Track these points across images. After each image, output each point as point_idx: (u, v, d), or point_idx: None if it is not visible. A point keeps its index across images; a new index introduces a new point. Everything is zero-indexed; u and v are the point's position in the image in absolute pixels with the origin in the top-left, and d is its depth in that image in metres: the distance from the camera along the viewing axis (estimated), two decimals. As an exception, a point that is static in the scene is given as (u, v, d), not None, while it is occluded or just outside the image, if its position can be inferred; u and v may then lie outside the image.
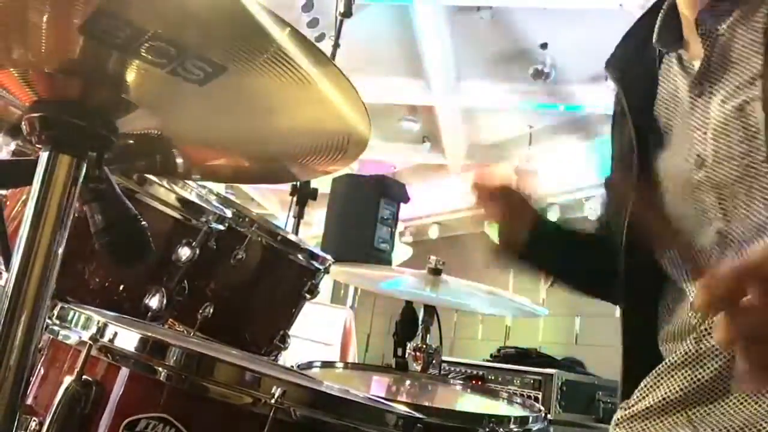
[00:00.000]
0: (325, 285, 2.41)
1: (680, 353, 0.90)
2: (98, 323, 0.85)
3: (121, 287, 1.33)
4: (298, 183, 2.65)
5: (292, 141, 0.85)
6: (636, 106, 1.02)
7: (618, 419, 0.98)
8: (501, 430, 1.27)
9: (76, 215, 0.75)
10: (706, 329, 0.87)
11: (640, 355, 0.99)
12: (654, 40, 1.00)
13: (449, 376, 2.95)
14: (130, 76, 0.70)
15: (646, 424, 0.92)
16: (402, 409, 1.00)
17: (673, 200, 0.95)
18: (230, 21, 0.63)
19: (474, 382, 2.97)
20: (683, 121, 0.94)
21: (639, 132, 1.00)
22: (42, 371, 0.92)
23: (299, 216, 2.63)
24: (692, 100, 0.92)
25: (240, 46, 0.65)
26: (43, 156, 0.72)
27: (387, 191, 4.69)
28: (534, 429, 1.39)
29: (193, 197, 1.47)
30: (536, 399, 2.95)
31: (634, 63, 1.04)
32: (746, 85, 0.84)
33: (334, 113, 0.76)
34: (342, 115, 0.76)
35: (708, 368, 0.86)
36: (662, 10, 1.00)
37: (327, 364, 1.89)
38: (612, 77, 1.08)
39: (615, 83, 1.08)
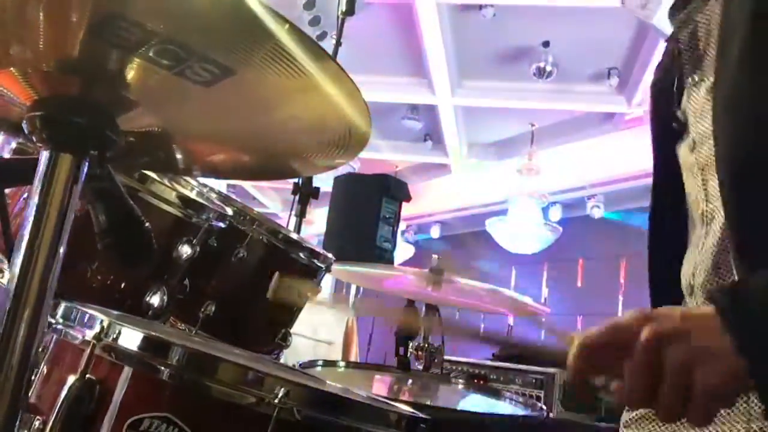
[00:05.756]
0: (327, 283, 2.40)
1: None
2: (102, 322, 0.85)
3: (123, 285, 1.33)
4: (300, 181, 2.65)
5: (293, 137, 0.85)
6: (660, 107, 1.02)
7: (626, 421, 0.98)
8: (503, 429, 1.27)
9: (78, 213, 0.75)
10: None
11: None
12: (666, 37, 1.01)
13: (451, 375, 2.95)
14: (131, 74, 0.70)
15: (654, 426, 0.92)
16: (405, 408, 1.00)
17: (686, 188, 0.96)
18: (235, 22, 0.63)
19: (476, 381, 2.97)
20: (687, 110, 0.95)
21: (659, 134, 1.02)
22: (46, 370, 0.92)
23: (301, 214, 2.63)
24: (689, 89, 0.93)
25: (244, 46, 0.65)
26: (44, 155, 0.72)
27: (389, 190, 4.69)
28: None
29: (193, 195, 1.47)
30: (538, 398, 2.95)
31: (672, 61, 1.04)
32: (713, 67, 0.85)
33: (335, 109, 0.76)
34: (342, 110, 0.76)
35: None
36: None
37: (329, 363, 1.89)
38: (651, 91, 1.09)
39: (652, 87, 1.08)
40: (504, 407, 1.68)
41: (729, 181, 0.79)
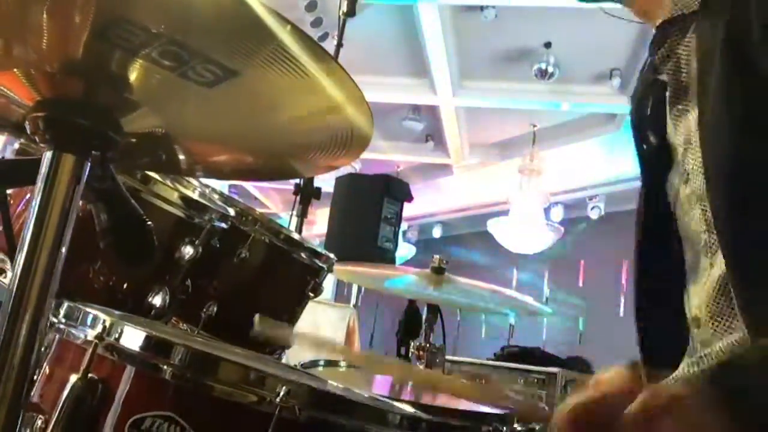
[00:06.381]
0: (329, 284, 2.40)
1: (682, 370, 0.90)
2: (104, 322, 0.86)
3: (125, 285, 1.33)
4: (302, 182, 2.65)
5: (295, 137, 0.86)
6: (644, 134, 1.01)
7: None
8: (504, 429, 1.27)
9: (80, 214, 0.75)
10: (703, 355, 0.88)
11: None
12: (645, 68, 1.01)
13: (453, 375, 2.95)
14: (134, 75, 0.70)
15: None
16: (406, 408, 1.00)
17: (679, 219, 0.95)
18: (238, 23, 0.63)
19: (478, 380, 2.97)
20: (674, 141, 0.94)
21: (644, 158, 1.01)
22: (48, 369, 0.93)
23: (303, 215, 2.63)
24: (674, 120, 0.93)
25: (247, 47, 0.65)
26: (47, 155, 0.72)
27: (390, 190, 4.69)
28: (537, 428, 1.39)
29: (196, 196, 1.47)
30: (540, 398, 2.95)
31: (646, 91, 1.04)
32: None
33: (337, 110, 0.76)
34: (344, 111, 0.76)
35: None
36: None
37: (331, 363, 1.89)
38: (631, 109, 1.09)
39: (630, 115, 1.08)
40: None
41: (721, 213, 0.79)
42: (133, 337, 0.84)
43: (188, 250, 1.34)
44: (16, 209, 1.28)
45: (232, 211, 1.47)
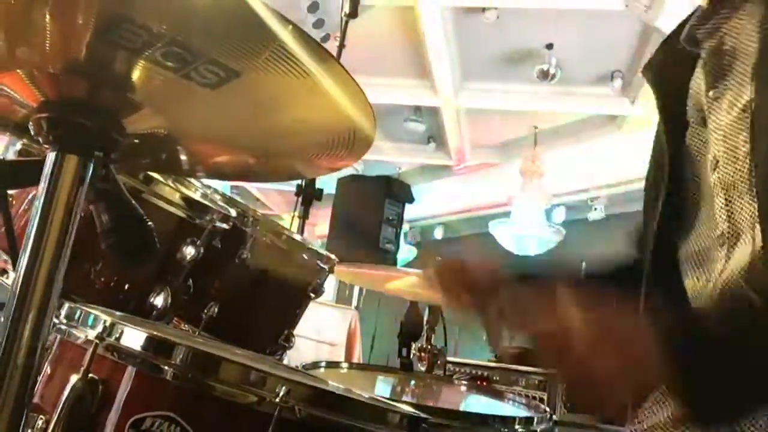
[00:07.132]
0: (330, 285, 2.40)
1: None
2: (105, 322, 0.86)
3: (127, 286, 1.33)
4: (303, 183, 2.65)
5: (297, 138, 0.86)
6: (669, 109, 1.00)
7: None
8: (506, 430, 1.27)
9: (82, 214, 0.75)
10: None
11: None
12: (682, 38, 0.98)
13: (454, 377, 2.95)
14: (137, 76, 0.70)
15: None
16: (407, 409, 1.00)
17: (700, 205, 0.94)
18: (240, 24, 0.64)
19: (479, 382, 2.97)
20: (707, 124, 0.93)
21: (670, 135, 0.99)
22: (49, 370, 0.93)
23: (304, 216, 2.64)
24: (710, 103, 0.91)
25: (249, 48, 0.66)
26: (50, 156, 0.73)
27: (392, 192, 4.70)
28: (539, 430, 1.38)
29: (197, 196, 1.47)
30: (541, 400, 2.94)
31: (671, 66, 1.02)
32: (747, 86, 0.83)
33: (339, 110, 0.76)
34: (346, 112, 0.76)
35: None
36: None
37: (332, 364, 1.89)
38: (648, 81, 1.06)
39: (651, 87, 1.06)
40: (507, 409, 1.68)
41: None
42: (133, 337, 0.84)
43: (190, 251, 1.35)
44: (19, 209, 1.29)
45: (233, 212, 1.47)
